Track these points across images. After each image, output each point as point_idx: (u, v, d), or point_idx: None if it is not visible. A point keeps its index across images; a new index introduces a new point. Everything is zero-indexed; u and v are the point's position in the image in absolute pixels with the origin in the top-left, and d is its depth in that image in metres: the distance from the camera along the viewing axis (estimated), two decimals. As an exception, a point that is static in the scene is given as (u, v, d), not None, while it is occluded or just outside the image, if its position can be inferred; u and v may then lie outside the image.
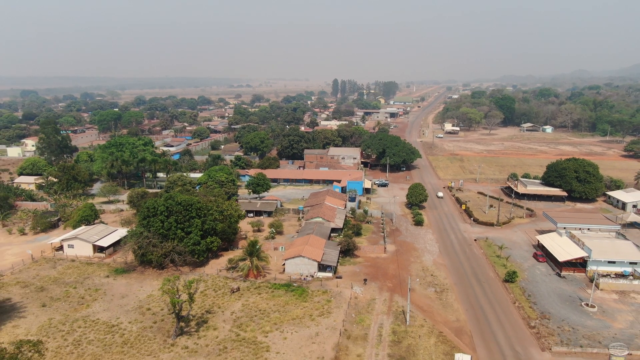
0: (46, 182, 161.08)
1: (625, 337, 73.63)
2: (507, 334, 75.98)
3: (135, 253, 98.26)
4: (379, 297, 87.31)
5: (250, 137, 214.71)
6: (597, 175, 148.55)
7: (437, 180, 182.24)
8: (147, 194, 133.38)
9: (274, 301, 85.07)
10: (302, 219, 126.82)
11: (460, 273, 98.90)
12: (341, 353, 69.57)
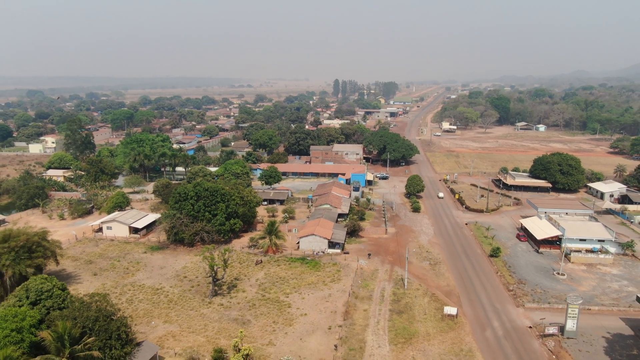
0: (75, 174, 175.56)
1: (587, 297, 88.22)
2: (488, 295, 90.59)
3: (168, 233, 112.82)
4: (381, 268, 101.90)
5: (259, 135, 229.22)
6: (579, 169, 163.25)
7: (434, 174, 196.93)
8: (170, 185, 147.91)
9: (292, 271, 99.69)
10: (312, 206, 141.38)
11: (451, 250, 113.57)
12: (350, 308, 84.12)
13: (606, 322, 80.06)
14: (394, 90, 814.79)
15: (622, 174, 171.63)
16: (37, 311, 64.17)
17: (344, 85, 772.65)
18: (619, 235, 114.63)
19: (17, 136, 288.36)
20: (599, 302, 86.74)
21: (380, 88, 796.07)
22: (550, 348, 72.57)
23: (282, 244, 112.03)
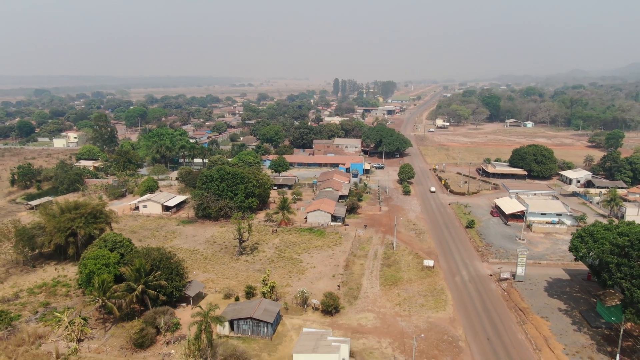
0: (104, 164, 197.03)
1: (539, 255, 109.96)
2: (461, 254, 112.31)
3: (197, 209, 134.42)
4: (375, 236, 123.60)
5: (266, 130, 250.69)
6: (552, 158, 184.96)
7: (425, 165, 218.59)
8: (192, 172, 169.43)
9: (302, 238, 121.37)
10: (316, 190, 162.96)
11: (434, 223, 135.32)
12: (349, 263, 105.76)
13: (551, 271, 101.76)
14: (392, 89, 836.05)
15: (590, 163, 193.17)
16: (116, 254, 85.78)
17: (344, 84, 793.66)
18: (574, 211, 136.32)
19: (40, 132, 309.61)
20: (548, 258, 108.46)
21: (379, 87, 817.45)
22: (503, 288, 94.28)
23: (292, 218, 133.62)
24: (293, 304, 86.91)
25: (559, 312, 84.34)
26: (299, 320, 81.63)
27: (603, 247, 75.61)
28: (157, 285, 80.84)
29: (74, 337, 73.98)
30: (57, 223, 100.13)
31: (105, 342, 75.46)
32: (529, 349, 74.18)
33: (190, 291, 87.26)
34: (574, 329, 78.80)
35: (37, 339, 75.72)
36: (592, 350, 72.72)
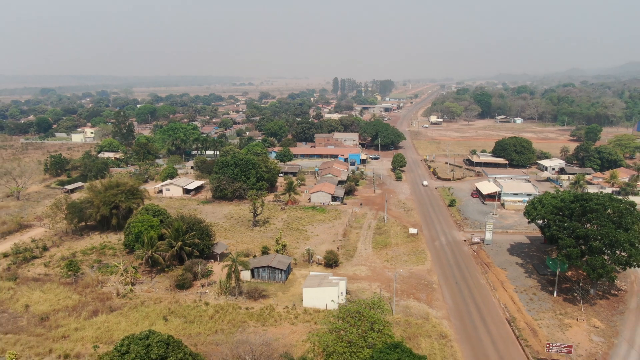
0: (125, 155, 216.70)
1: (508, 226, 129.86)
2: (441, 225, 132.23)
3: (214, 191, 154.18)
4: (369, 212, 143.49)
5: (270, 125, 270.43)
6: (530, 149, 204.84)
7: (417, 156, 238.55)
8: (206, 161, 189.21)
9: (306, 214, 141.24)
10: (318, 176, 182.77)
11: (421, 202, 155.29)
12: (347, 232, 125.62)
13: (515, 237, 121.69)
14: (391, 87, 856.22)
15: (566, 153, 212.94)
16: (157, 219, 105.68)
17: (343, 83, 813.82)
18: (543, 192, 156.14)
19: (57, 128, 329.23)
20: (514, 228, 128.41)
21: (377, 86, 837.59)
22: (473, 249, 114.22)
23: (297, 198, 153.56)
24: (301, 260, 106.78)
25: (516, 265, 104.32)
26: (305, 271, 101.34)
27: (546, 209, 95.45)
28: (191, 243, 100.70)
29: (128, 281, 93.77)
30: (103, 197, 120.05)
31: (153, 285, 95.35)
32: (487, 289, 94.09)
33: (217, 249, 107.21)
34: (525, 276, 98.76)
35: (99, 283, 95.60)
36: (536, 289, 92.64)
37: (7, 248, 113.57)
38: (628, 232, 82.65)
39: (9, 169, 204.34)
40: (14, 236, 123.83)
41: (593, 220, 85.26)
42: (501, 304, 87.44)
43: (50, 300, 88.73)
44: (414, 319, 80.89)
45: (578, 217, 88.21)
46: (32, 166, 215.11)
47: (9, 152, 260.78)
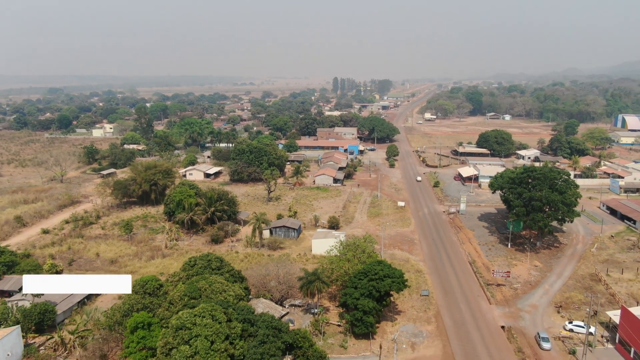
0: (147, 147, 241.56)
1: (481, 201, 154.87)
2: (425, 201, 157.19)
3: (232, 174, 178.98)
4: (365, 192, 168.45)
5: (276, 120, 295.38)
6: (510, 140, 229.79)
7: (409, 148, 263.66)
8: (222, 151, 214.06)
9: (312, 192, 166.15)
10: (321, 163, 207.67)
11: (410, 184, 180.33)
12: (346, 205, 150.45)
13: (486, 209, 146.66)
14: (389, 87, 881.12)
15: (542, 144, 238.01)
16: (192, 190, 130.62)
17: (343, 82, 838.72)
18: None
19: (77, 124, 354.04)
20: (486, 203, 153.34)
21: (376, 85, 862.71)
22: (450, 217, 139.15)
23: (303, 181, 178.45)
24: (309, 225, 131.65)
25: (482, 227, 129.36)
26: (313, 232, 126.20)
27: (504, 180, 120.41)
28: (221, 209, 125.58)
29: (172, 237, 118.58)
30: (145, 176, 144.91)
31: (192, 241, 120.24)
32: (457, 243, 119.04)
33: (241, 216, 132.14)
34: (488, 235, 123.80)
35: (150, 239, 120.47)
36: (495, 243, 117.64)
37: (67, 217, 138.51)
38: (562, 194, 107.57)
39: (43, 159, 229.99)
40: (69, 209, 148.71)
41: (536, 186, 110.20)
42: (466, 252, 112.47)
43: (114, 250, 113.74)
44: (397, 261, 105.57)
45: (525, 184, 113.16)
46: (63, 157, 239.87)
47: (38, 145, 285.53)
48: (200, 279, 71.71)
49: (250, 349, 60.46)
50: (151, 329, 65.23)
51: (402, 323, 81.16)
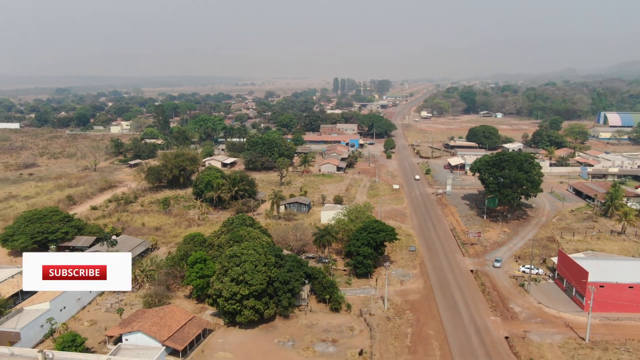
0: (166, 141, 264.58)
1: (465, 185, 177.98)
2: (417, 185, 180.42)
3: (246, 163, 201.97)
4: (365, 178, 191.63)
5: (282, 117, 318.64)
6: (496, 135, 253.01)
7: (406, 142, 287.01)
8: (235, 144, 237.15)
9: (318, 179, 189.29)
10: (325, 155, 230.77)
11: (405, 172, 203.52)
12: (349, 188, 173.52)
13: (469, 191, 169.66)
14: (388, 87, 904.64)
15: (525, 138, 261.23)
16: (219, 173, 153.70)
17: (343, 83, 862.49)
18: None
19: (94, 122, 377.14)
20: (470, 186, 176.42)
21: (376, 85, 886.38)
22: (438, 197, 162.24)
23: (310, 169, 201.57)
24: (317, 202, 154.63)
25: (464, 205, 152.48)
26: (321, 208, 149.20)
27: (482, 162, 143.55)
28: (243, 189, 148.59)
29: (203, 211, 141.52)
30: (175, 162, 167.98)
31: (219, 215, 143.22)
32: (442, 216, 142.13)
33: (259, 196, 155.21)
34: (468, 210, 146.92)
35: (184, 213, 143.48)
36: (473, 215, 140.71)
37: (108, 197, 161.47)
38: (527, 174, 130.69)
39: (72, 152, 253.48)
40: (108, 192, 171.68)
41: (506, 167, 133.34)
42: (448, 222, 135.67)
43: (156, 221, 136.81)
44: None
45: (498, 166, 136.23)
46: (89, 150, 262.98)
47: (62, 140, 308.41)
48: (240, 229, 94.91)
49: (281, 274, 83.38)
50: (206, 263, 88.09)
51: (394, 268, 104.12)
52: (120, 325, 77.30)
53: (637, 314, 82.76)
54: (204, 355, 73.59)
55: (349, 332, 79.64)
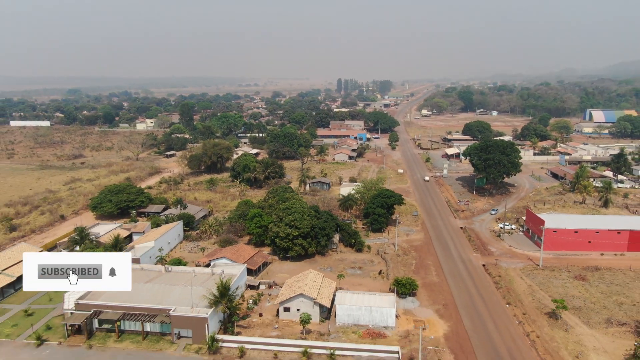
0: (193, 136, 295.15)
1: (460, 170, 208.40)
2: (419, 170, 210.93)
3: (269, 154, 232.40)
4: (374, 165, 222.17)
5: (295, 115, 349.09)
6: (489, 129, 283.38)
7: (408, 137, 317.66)
8: (257, 137, 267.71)
9: (333, 165, 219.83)
10: (337, 147, 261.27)
11: (408, 160, 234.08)
12: (360, 172, 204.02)
13: (463, 175, 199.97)
14: (389, 87, 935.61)
15: (515, 133, 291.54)
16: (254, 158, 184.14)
17: (346, 83, 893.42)
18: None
19: (119, 120, 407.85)
20: (464, 171, 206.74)
21: (377, 85, 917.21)
22: (436, 179, 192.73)
23: (326, 157, 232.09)
24: (335, 183, 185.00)
25: (458, 184, 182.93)
26: (338, 187, 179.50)
27: (472, 148, 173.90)
28: (274, 171, 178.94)
29: (242, 189, 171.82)
30: (213, 150, 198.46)
31: (255, 192, 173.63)
32: (439, 193, 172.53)
33: (286, 178, 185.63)
34: (461, 188, 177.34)
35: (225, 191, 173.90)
36: (465, 192, 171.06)
37: (158, 180, 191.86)
38: (508, 156, 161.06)
39: (108, 145, 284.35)
40: (155, 176, 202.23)
41: (491, 151, 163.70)
42: (444, 197, 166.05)
43: (205, 196, 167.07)
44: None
45: (485, 150, 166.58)
46: (125, 143, 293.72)
47: (95, 136, 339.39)
48: (285, 194, 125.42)
49: (319, 223, 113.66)
50: (262, 217, 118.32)
51: (401, 226, 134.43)
52: (207, 255, 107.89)
53: (579, 251, 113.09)
54: (268, 275, 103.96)
55: (370, 263, 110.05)
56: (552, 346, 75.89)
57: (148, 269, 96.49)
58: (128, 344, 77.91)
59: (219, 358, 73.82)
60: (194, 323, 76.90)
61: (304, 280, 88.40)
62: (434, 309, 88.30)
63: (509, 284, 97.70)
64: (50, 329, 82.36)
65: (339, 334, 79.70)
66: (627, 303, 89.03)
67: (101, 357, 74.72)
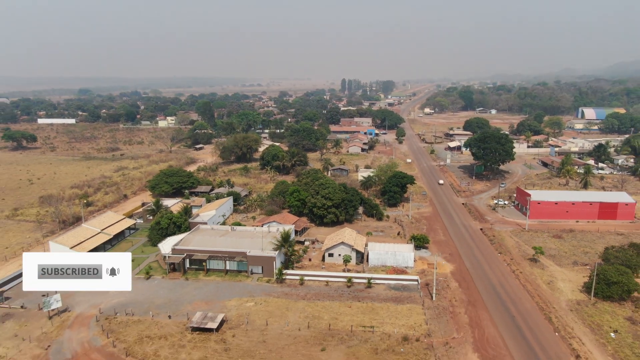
0: (216, 132, 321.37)
1: (463, 160, 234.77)
2: (425, 160, 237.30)
3: (289, 146, 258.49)
4: (384, 156, 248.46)
5: (307, 113, 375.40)
6: (488, 125, 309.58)
7: (412, 132, 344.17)
8: (276, 132, 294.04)
9: (348, 156, 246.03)
10: (349, 141, 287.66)
11: (415, 152, 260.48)
12: (373, 161, 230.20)
13: (463, 164, 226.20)
14: (392, 87, 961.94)
15: (511, 128, 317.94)
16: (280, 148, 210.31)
17: (350, 83, 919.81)
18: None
19: (140, 118, 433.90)
20: (464, 160, 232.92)
21: (380, 86, 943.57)
22: (440, 167, 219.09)
23: (341, 150, 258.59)
24: (352, 170, 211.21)
25: (459, 171, 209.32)
26: (355, 173, 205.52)
27: (472, 139, 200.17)
28: (299, 160, 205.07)
29: (272, 175, 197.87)
30: (243, 142, 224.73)
31: (284, 177, 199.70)
32: (443, 177, 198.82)
33: (310, 165, 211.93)
34: (462, 173, 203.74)
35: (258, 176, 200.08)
36: (466, 177, 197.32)
37: (195, 168, 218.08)
38: (503, 145, 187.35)
39: (138, 140, 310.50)
40: (191, 165, 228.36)
41: (488, 142, 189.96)
42: (448, 181, 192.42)
43: (241, 180, 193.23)
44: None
45: (483, 141, 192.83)
46: (151, 139, 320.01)
47: (121, 133, 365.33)
48: (318, 174, 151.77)
49: (347, 196, 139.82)
50: (300, 193, 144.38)
51: (412, 202, 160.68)
52: (259, 220, 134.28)
53: (558, 219, 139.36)
54: (309, 236, 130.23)
55: (390, 228, 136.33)
56: (531, 278, 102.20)
57: (217, 228, 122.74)
58: (214, 277, 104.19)
59: (284, 285, 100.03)
60: (265, 261, 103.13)
61: (342, 234, 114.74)
62: (442, 257, 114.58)
63: (500, 240, 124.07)
64: (152, 269, 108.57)
65: (371, 271, 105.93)
66: (592, 252, 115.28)
67: (197, 286, 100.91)
